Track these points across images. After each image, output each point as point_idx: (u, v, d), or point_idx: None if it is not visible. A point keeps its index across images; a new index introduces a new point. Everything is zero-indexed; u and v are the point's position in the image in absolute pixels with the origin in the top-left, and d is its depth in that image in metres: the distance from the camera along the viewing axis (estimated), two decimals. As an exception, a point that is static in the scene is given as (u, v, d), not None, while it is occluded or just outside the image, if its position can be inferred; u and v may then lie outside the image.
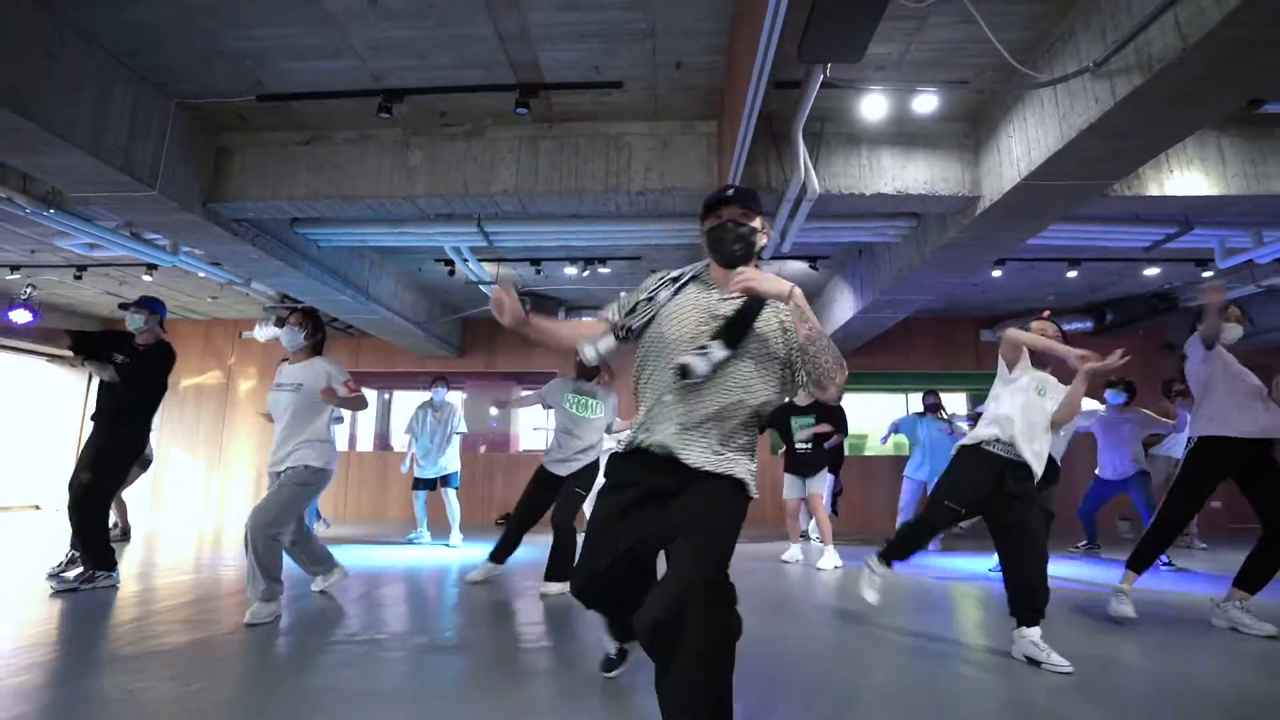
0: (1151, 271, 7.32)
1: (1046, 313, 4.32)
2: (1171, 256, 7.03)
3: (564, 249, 6.68)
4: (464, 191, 4.47)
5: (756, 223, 1.81)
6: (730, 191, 1.81)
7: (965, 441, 3.00)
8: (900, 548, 3.16)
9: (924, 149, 4.34)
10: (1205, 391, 3.33)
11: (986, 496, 2.84)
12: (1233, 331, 3.38)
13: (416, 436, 6.43)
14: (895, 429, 6.77)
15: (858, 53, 3.18)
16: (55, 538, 6.42)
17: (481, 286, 7.50)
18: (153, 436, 9.94)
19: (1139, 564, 3.35)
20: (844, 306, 7.49)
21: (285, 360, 3.40)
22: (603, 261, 7.12)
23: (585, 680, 2.28)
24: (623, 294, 2.03)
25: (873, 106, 3.95)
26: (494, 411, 10.89)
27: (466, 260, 6.67)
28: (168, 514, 9.46)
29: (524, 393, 6.26)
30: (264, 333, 9.74)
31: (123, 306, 4.02)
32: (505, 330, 7.03)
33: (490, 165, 4.46)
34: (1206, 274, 7.24)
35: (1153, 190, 4.26)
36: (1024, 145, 3.78)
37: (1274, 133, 4.24)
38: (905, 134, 4.35)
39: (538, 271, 7.31)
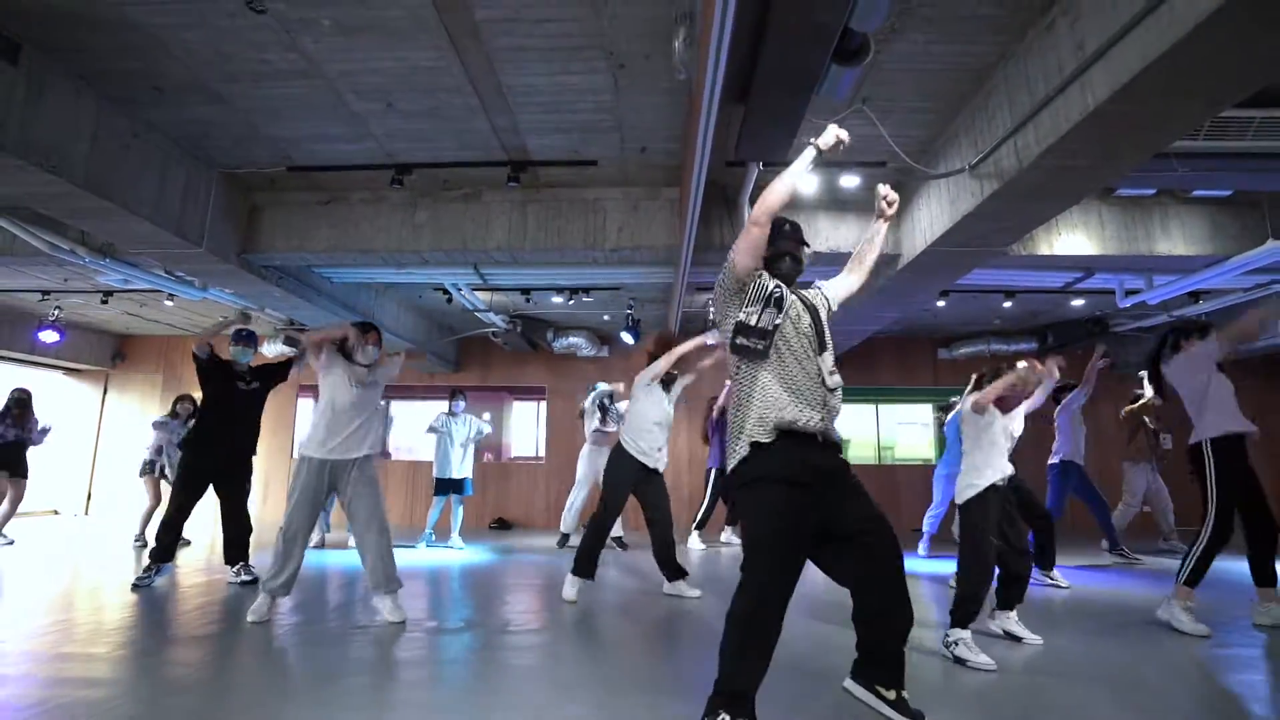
0: (1077, 302, 8.17)
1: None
2: (1090, 290, 7.88)
3: (552, 284, 7.45)
4: (463, 246, 5.24)
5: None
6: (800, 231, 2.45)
7: (971, 495, 3.24)
8: (966, 610, 3.09)
9: (854, 213, 5.15)
10: (1204, 397, 3.67)
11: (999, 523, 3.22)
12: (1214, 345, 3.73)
13: (448, 440, 7.04)
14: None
15: (783, 153, 3.98)
16: (89, 539, 7.12)
17: (476, 313, 8.26)
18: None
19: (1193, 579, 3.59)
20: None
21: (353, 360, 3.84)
22: (586, 292, 7.90)
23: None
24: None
25: (807, 183, 4.75)
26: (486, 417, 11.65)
27: (461, 290, 7.43)
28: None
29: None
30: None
31: (237, 340, 4.95)
32: (497, 348, 7.71)
33: (486, 224, 5.23)
34: (1124, 303, 8.09)
35: (1044, 250, 5.08)
36: (929, 218, 4.59)
37: (1141, 203, 5.08)
38: (837, 201, 5.16)
39: (527, 299, 8.07)
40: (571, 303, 8.06)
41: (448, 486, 7.05)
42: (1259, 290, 6.25)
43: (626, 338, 8.35)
